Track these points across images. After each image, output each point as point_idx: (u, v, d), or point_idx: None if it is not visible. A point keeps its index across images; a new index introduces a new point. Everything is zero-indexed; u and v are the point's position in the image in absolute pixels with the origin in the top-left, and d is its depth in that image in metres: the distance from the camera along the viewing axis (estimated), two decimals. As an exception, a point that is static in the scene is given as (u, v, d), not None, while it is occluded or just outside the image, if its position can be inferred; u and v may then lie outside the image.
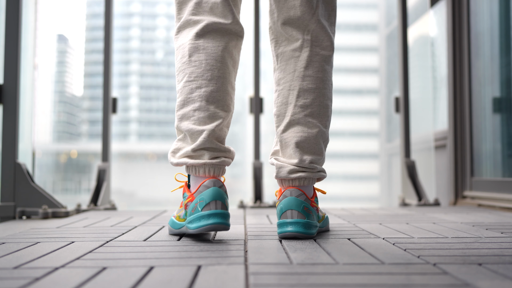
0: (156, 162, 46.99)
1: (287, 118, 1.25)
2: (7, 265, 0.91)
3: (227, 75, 1.23)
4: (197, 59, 1.22)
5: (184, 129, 1.20)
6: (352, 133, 45.76)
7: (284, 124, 1.26)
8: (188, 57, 1.23)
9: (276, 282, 0.75)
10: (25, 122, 2.21)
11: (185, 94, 1.21)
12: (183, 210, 1.22)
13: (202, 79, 1.20)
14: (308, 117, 1.24)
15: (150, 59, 59.01)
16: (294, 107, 1.24)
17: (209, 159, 1.18)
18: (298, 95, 1.25)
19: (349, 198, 42.00)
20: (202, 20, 1.24)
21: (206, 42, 1.22)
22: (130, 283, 0.76)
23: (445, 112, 2.84)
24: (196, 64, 1.21)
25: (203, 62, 1.21)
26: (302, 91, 1.25)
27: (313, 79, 1.25)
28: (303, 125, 1.24)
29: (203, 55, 1.21)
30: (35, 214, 2.01)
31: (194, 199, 1.16)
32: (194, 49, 1.22)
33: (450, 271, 0.82)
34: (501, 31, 2.52)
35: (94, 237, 1.27)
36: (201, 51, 1.22)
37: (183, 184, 1.25)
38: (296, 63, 1.26)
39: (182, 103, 1.22)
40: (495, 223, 1.57)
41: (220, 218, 1.12)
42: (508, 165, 2.45)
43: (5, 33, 2.07)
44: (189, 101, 1.21)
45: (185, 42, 1.24)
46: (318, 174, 1.25)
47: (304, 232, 1.17)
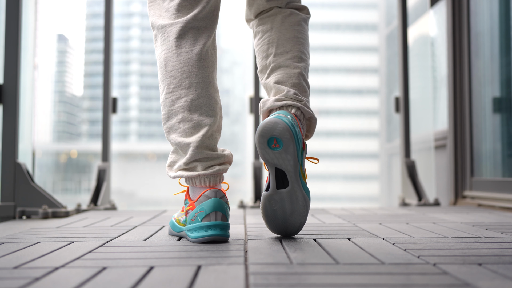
0: (156, 162, 46.95)
1: (270, 67, 1.26)
2: (7, 265, 0.91)
3: (206, 78, 1.19)
4: (173, 68, 1.18)
5: (174, 143, 1.19)
6: (352, 133, 45.73)
7: (267, 73, 1.27)
8: (164, 67, 1.20)
9: (276, 282, 0.75)
10: (25, 122, 2.21)
11: (168, 107, 1.19)
12: (184, 216, 1.22)
13: (180, 88, 1.17)
14: (288, 60, 1.25)
15: (150, 59, 58.93)
16: (274, 56, 1.26)
17: (203, 170, 1.16)
18: (277, 45, 1.26)
19: (349, 198, 41.95)
20: (172, 23, 1.20)
21: (180, 47, 1.18)
22: (130, 283, 0.76)
23: (445, 112, 2.84)
24: (172, 74, 1.18)
25: (179, 71, 1.18)
26: (281, 40, 1.26)
27: (291, 31, 1.27)
28: (284, 67, 1.25)
29: (178, 63, 1.18)
30: (35, 214, 2.01)
31: (194, 208, 1.15)
32: (169, 58, 1.19)
33: (450, 271, 0.82)
34: (501, 31, 2.52)
35: (94, 237, 1.27)
36: (175, 59, 1.18)
37: (185, 188, 1.25)
38: (272, 22, 1.28)
39: (166, 116, 1.20)
40: (495, 223, 1.57)
41: (219, 229, 1.13)
42: (508, 165, 2.45)
43: (5, 33, 2.07)
44: (172, 113, 1.19)
45: (161, 52, 1.21)
46: (306, 108, 1.22)
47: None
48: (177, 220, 1.26)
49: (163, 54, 1.20)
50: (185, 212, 1.20)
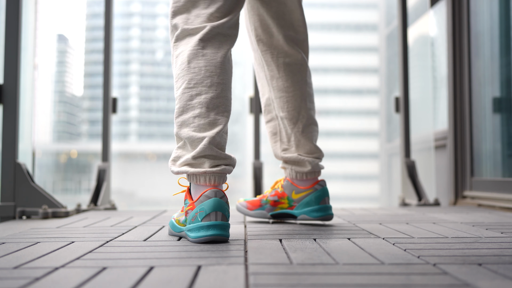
0: (156, 162, 46.98)
1: (303, 120, 1.48)
2: (7, 265, 0.91)
3: (226, 81, 1.24)
4: (196, 65, 1.21)
5: (184, 136, 1.20)
6: (352, 133, 45.72)
7: (301, 126, 1.48)
8: (187, 63, 1.22)
9: (276, 282, 0.75)
10: (25, 122, 2.21)
11: (184, 101, 1.21)
12: (184, 216, 1.21)
13: (201, 85, 1.20)
14: (314, 116, 1.52)
15: (150, 59, 58.98)
16: (307, 110, 1.49)
17: (210, 167, 1.18)
18: (306, 100, 1.49)
19: (349, 198, 41.96)
20: (202, 27, 1.24)
21: (205, 48, 1.23)
22: (130, 283, 0.76)
23: (445, 112, 2.84)
24: (196, 71, 1.21)
25: (203, 69, 1.21)
26: (308, 96, 1.50)
27: (311, 85, 1.54)
28: (314, 124, 1.51)
29: (202, 62, 1.22)
30: (35, 214, 2.01)
31: (194, 208, 1.16)
32: (193, 56, 1.22)
33: (450, 271, 0.82)
34: (501, 31, 2.52)
35: (94, 237, 1.27)
36: (200, 58, 1.22)
37: (185, 188, 1.25)
38: (301, 74, 1.49)
39: (181, 109, 1.21)
40: (495, 223, 1.57)
41: (219, 229, 1.13)
42: (508, 165, 2.45)
43: (5, 33, 2.07)
44: (188, 108, 1.20)
45: (185, 50, 1.24)
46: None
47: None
48: (177, 220, 1.26)
49: (187, 51, 1.23)
50: (185, 212, 1.20)
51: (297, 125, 1.48)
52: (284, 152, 1.51)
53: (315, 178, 1.51)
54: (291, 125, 1.48)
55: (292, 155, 1.49)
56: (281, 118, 1.50)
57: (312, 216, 1.47)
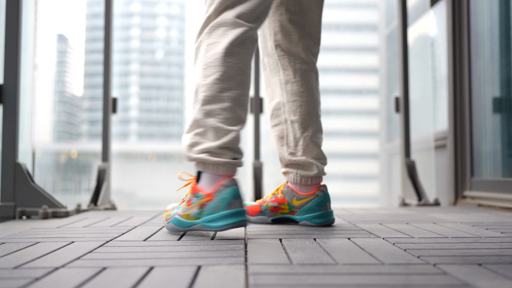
0: (156, 162, 46.91)
1: (314, 126, 1.52)
2: (7, 265, 0.91)
3: (249, 82, 1.30)
4: (231, 61, 1.24)
5: (210, 125, 1.21)
6: (352, 133, 45.67)
7: (312, 131, 1.52)
8: (222, 56, 1.24)
9: (276, 282, 0.75)
10: (25, 122, 2.21)
11: (214, 91, 1.23)
12: (196, 208, 1.21)
13: (232, 81, 1.23)
14: (321, 123, 1.57)
15: (150, 59, 58.84)
16: (317, 117, 1.54)
17: (230, 158, 1.22)
18: (318, 107, 1.55)
19: (349, 198, 41.91)
20: (241, 25, 1.27)
21: (240, 47, 1.26)
22: (130, 283, 0.76)
23: (445, 112, 2.84)
24: (229, 66, 1.24)
25: (237, 66, 1.24)
26: (318, 103, 1.56)
27: (319, 94, 1.60)
28: (321, 131, 1.56)
29: (236, 59, 1.25)
30: (35, 214, 2.01)
31: (213, 198, 1.18)
32: (230, 51, 1.25)
33: (450, 271, 0.82)
34: (501, 31, 2.52)
35: (94, 237, 1.27)
36: (235, 55, 1.25)
37: (188, 182, 1.26)
38: (312, 80, 1.54)
39: (210, 99, 1.23)
40: (495, 223, 1.57)
41: (242, 216, 1.19)
42: (508, 165, 2.45)
43: (5, 33, 2.07)
44: (218, 99, 1.22)
45: (220, 42, 1.26)
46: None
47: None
48: (185, 215, 1.25)
49: (224, 44, 1.25)
50: (200, 204, 1.21)
51: (308, 130, 1.51)
52: (291, 156, 1.53)
53: (318, 183, 1.51)
54: (301, 129, 1.51)
55: (300, 158, 1.50)
56: (291, 121, 1.52)
57: (314, 222, 1.47)
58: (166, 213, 1.34)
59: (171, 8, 55.28)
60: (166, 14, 55.60)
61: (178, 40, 55.18)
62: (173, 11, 55.20)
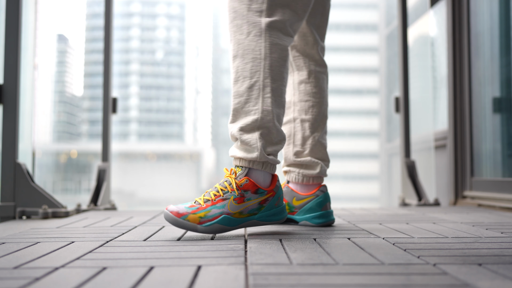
0: (156, 162, 46.83)
1: (323, 127, 1.56)
2: (7, 265, 0.91)
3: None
4: (288, 70, 1.36)
5: (274, 128, 1.29)
6: (352, 133, 45.59)
7: (321, 132, 1.55)
8: (284, 62, 1.32)
9: (276, 283, 0.75)
10: (25, 122, 2.21)
11: (279, 96, 1.30)
12: (256, 204, 1.26)
13: (285, 93, 1.35)
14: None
15: (150, 59, 58.73)
16: (326, 119, 1.58)
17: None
18: (327, 109, 1.59)
19: (349, 198, 41.83)
20: (292, 34, 1.36)
21: (289, 60, 1.39)
22: (130, 283, 0.76)
23: (445, 112, 2.84)
24: (288, 77, 1.36)
25: (288, 77, 1.39)
26: (328, 105, 1.60)
27: (328, 95, 1.64)
28: (326, 133, 1.60)
29: (288, 72, 1.35)
30: (35, 214, 2.01)
31: (275, 194, 1.29)
32: (288, 61, 1.35)
33: (450, 271, 0.82)
34: (501, 31, 2.53)
35: (94, 237, 1.27)
36: (288, 67, 1.38)
37: (242, 179, 1.27)
38: (324, 83, 1.59)
39: (277, 103, 1.30)
40: (495, 223, 1.57)
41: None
42: (508, 165, 2.45)
43: (5, 33, 2.07)
44: (281, 103, 1.31)
45: (284, 47, 1.32)
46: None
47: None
48: (237, 213, 1.24)
49: (285, 52, 1.32)
50: (262, 200, 1.27)
51: (318, 131, 1.54)
52: (295, 156, 1.54)
53: (318, 184, 1.52)
54: (311, 129, 1.54)
55: (305, 158, 1.52)
56: (301, 120, 1.55)
57: (314, 222, 1.47)
58: (194, 216, 1.23)
59: (171, 8, 55.28)
60: (166, 14, 55.62)
61: (178, 40, 55.17)
62: (173, 11, 55.19)
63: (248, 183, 1.26)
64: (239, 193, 1.25)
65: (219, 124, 52.97)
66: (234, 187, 1.25)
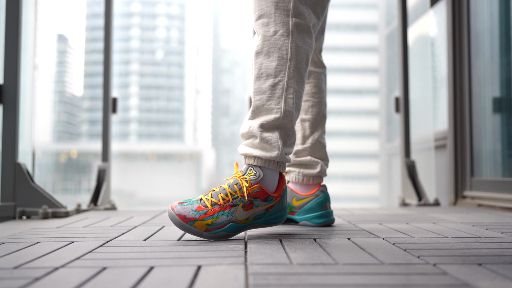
0: (156, 162, 46.80)
1: (322, 126, 1.57)
2: (7, 265, 0.91)
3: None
4: (306, 77, 1.32)
5: (291, 130, 1.26)
6: (352, 133, 45.57)
7: (320, 132, 1.56)
8: (306, 66, 1.30)
9: (276, 282, 0.75)
10: (25, 122, 2.21)
11: (298, 99, 1.28)
12: (263, 210, 1.22)
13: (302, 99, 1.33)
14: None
15: (150, 59, 58.67)
16: (325, 119, 1.59)
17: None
18: (326, 109, 1.60)
19: (349, 198, 41.81)
20: (313, 37, 1.33)
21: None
22: (130, 283, 0.76)
23: (445, 112, 2.84)
24: (305, 83, 1.33)
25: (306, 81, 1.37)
26: (326, 105, 1.61)
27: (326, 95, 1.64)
28: (325, 133, 1.61)
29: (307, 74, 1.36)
30: (35, 214, 2.01)
31: (281, 199, 1.25)
32: (308, 62, 1.31)
33: (450, 271, 0.82)
34: (501, 31, 2.53)
35: (94, 237, 1.27)
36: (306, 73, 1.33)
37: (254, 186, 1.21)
38: (322, 84, 1.59)
39: (296, 105, 1.27)
40: (495, 223, 1.57)
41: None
42: (508, 165, 2.45)
43: (5, 33, 2.07)
44: (299, 106, 1.29)
45: (308, 50, 1.30)
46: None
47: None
48: (243, 220, 1.21)
49: (308, 55, 1.30)
50: (269, 206, 1.23)
51: (317, 130, 1.55)
52: (295, 156, 1.55)
53: (318, 183, 1.52)
54: (311, 128, 1.55)
55: (305, 158, 1.53)
56: (301, 120, 1.56)
57: (314, 222, 1.47)
58: (202, 223, 1.19)
59: (171, 8, 55.27)
60: (166, 14, 55.62)
61: (178, 40, 55.17)
62: (173, 11, 55.19)
63: (260, 191, 1.21)
64: (249, 200, 1.20)
65: (219, 124, 52.97)
66: (244, 193, 1.20)
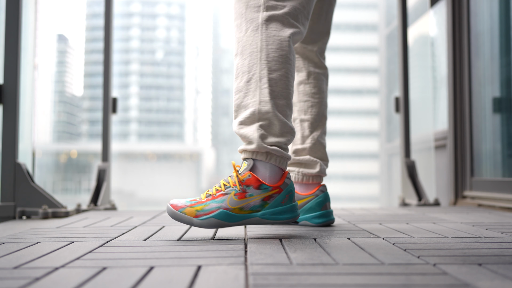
0: (156, 162, 46.81)
1: (322, 127, 1.57)
2: (7, 265, 0.91)
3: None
4: (292, 60, 1.28)
5: (277, 120, 1.23)
6: (352, 133, 45.60)
7: (320, 132, 1.56)
8: (287, 54, 1.26)
9: (276, 283, 0.75)
10: (25, 122, 2.21)
11: (283, 88, 1.25)
12: (259, 201, 1.20)
13: (292, 80, 1.29)
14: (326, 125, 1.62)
15: (150, 59, 58.69)
16: (325, 119, 1.59)
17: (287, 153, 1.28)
18: (326, 110, 1.60)
19: (349, 198, 41.84)
20: (297, 25, 1.30)
21: (293, 51, 1.29)
22: (130, 283, 0.76)
23: (445, 112, 2.84)
24: (291, 64, 1.27)
25: (292, 66, 1.28)
26: (327, 106, 1.61)
27: (327, 96, 1.64)
28: (325, 134, 1.61)
29: (293, 59, 1.29)
30: (35, 214, 2.01)
31: (282, 191, 1.22)
32: (290, 50, 1.27)
33: (450, 272, 0.82)
34: (501, 31, 2.53)
35: (94, 237, 1.27)
36: (292, 58, 1.28)
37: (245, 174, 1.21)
38: (323, 84, 1.59)
39: (277, 94, 1.24)
40: (495, 223, 1.57)
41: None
42: (508, 165, 2.45)
43: (5, 33, 2.07)
44: (285, 95, 1.25)
45: (283, 37, 1.27)
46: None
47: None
48: (237, 208, 1.20)
49: (286, 43, 1.27)
50: (266, 197, 1.21)
51: (317, 130, 1.55)
52: (294, 155, 1.55)
53: (318, 183, 1.52)
54: (311, 128, 1.55)
55: (304, 157, 1.53)
56: (301, 120, 1.56)
57: (314, 222, 1.47)
58: (191, 209, 1.21)
59: (171, 8, 55.28)
60: (166, 14, 55.62)
61: (178, 40, 55.18)
62: (173, 11, 55.19)
63: (251, 178, 1.20)
64: (241, 188, 1.20)
65: (219, 124, 52.99)
66: (236, 182, 1.20)
